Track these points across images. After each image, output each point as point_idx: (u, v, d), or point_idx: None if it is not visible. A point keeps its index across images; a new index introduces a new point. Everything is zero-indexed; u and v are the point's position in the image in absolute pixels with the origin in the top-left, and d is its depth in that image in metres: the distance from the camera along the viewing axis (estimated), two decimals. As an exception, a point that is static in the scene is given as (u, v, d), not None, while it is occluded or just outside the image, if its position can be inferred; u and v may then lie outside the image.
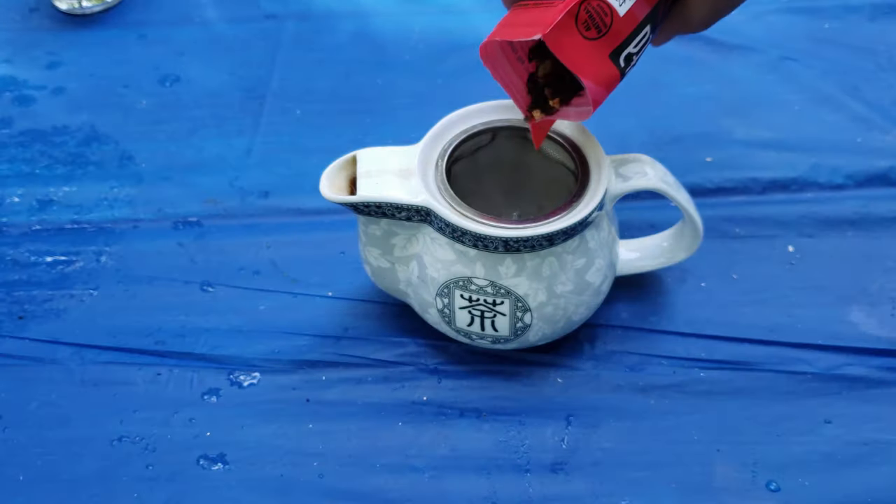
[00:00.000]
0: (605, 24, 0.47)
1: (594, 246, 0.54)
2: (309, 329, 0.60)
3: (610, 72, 0.48)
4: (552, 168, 0.58)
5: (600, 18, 0.47)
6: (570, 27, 0.46)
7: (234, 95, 0.74)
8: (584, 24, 0.46)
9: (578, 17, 0.46)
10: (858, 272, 0.62)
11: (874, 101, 0.72)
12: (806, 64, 0.75)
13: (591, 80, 0.47)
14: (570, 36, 0.46)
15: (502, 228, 0.51)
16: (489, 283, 0.53)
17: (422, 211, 0.52)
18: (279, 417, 0.56)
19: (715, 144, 0.69)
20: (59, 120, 0.73)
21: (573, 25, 0.46)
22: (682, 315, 0.60)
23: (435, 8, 0.81)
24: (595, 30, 0.46)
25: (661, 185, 0.54)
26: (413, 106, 0.73)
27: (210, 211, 0.67)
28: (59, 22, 0.80)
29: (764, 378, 0.57)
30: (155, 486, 0.54)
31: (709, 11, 0.50)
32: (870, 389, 0.57)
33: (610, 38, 0.47)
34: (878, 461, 0.54)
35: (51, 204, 0.68)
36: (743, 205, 0.66)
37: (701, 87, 0.74)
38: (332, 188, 0.53)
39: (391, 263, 0.56)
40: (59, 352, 0.60)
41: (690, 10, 0.50)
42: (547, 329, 0.55)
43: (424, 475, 0.54)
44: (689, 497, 0.53)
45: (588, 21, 0.46)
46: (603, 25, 0.47)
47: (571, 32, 0.46)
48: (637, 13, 0.48)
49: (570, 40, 0.46)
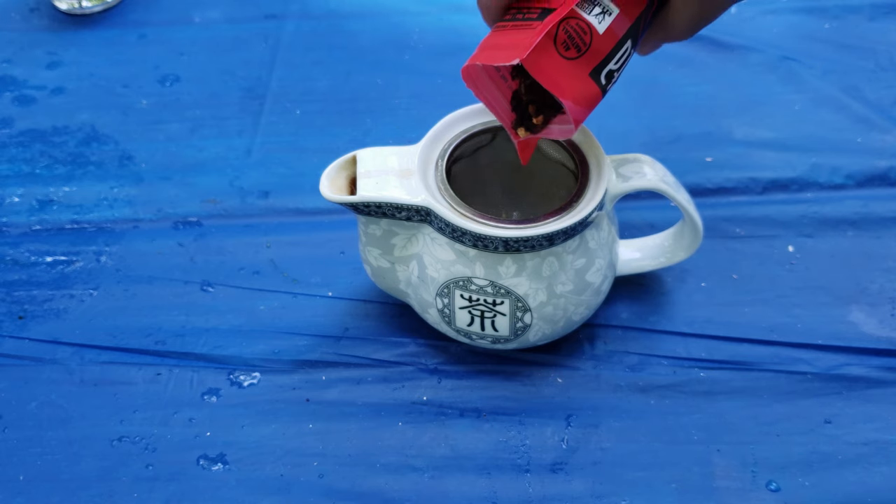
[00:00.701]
0: (585, 42, 0.46)
1: (594, 246, 0.54)
2: (309, 329, 0.60)
3: (591, 90, 0.47)
4: (552, 168, 0.58)
5: (579, 38, 0.46)
6: (548, 49, 0.45)
7: (234, 95, 0.74)
8: (563, 45, 0.46)
9: (557, 37, 0.45)
10: (858, 272, 0.62)
11: (874, 101, 0.72)
12: (806, 64, 0.75)
13: (571, 101, 0.47)
14: (550, 57, 0.46)
15: (502, 228, 0.51)
16: (489, 283, 0.53)
17: (422, 211, 0.52)
18: (279, 417, 0.56)
19: (715, 144, 0.69)
20: (59, 120, 0.73)
21: (552, 46, 0.46)
22: (682, 315, 0.60)
23: (435, 8, 0.81)
24: (574, 49, 0.46)
25: (661, 185, 0.54)
26: (413, 106, 0.73)
27: (210, 211, 0.67)
28: (59, 22, 0.81)
29: (764, 378, 0.57)
30: (155, 486, 0.54)
31: (693, 19, 0.49)
32: (870, 389, 0.57)
33: (590, 56, 0.47)
34: (878, 461, 0.54)
35: (51, 204, 0.68)
36: (743, 205, 0.66)
37: (701, 87, 0.74)
38: (332, 188, 0.53)
39: (391, 263, 0.56)
40: (59, 352, 0.60)
41: (675, 18, 0.49)
42: (547, 329, 0.55)
43: (424, 475, 0.54)
44: (689, 497, 0.53)
45: (567, 41, 0.46)
46: (582, 44, 0.46)
47: (550, 54, 0.46)
48: (617, 30, 0.47)
49: (549, 62, 0.46)
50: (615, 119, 0.70)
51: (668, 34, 0.50)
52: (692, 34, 0.50)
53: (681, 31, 0.50)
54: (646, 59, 0.52)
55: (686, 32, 0.50)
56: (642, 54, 0.53)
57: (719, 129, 0.71)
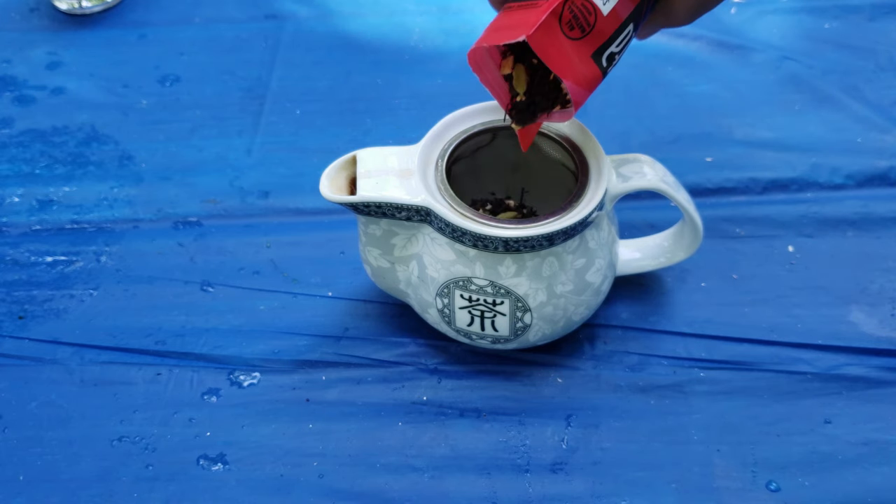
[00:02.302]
0: (589, 23, 0.46)
1: (594, 246, 0.54)
2: (309, 329, 0.60)
3: (592, 72, 0.47)
4: (552, 168, 0.58)
5: (584, 18, 0.46)
6: (553, 27, 0.45)
7: (234, 95, 0.74)
8: (567, 24, 0.46)
9: (562, 17, 0.45)
10: (858, 272, 0.62)
11: (874, 101, 0.72)
12: (806, 64, 0.75)
13: (573, 81, 0.47)
14: (554, 36, 0.45)
15: (502, 228, 0.51)
16: (489, 283, 0.53)
17: (422, 211, 0.52)
18: (279, 417, 0.56)
19: (715, 144, 0.69)
20: (59, 120, 0.73)
21: (556, 25, 0.45)
22: (682, 315, 0.60)
23: (435, 8, 0.81)
24: (579, 29, 0.46)
25: (661, 185, 0.54)
26: (413, 106, 0.73)
27: (210, 211, 0.67)
28: (59, 22, 0.81)
29: (764, 378, 0.57)
30: (155, 486, 0.54)
31: (694, 5, 0.49)
32: (870, 389, 0.57)
33: (593, 37, 0.47)
34: (878, 461, 0.54)
35: (51, 204, 0.68)
36: (743, 205, 0.66)
37: (701, 87, 0.74)
38: (332, 188, 0.53)
39: (391, 263, 0.56)
40: (59, 352, 0.60)
41: (676, 4, 0.49)
42: (547, 329, 0.55)
43: (424, 475, 0.54)
44: (689, 497, 0.53)
45: (572, 21, 0.46)
46: (587, 25, 0.46)
47: (555, 32, 0.45)
48: (621, 12, 0.47)
49: (553, 41, 0.45)
50: (615, 119, 0.70)
51: (668, 19, 0.50)
52: (692, 20, 0.50)
53: (682, 16, 0.50)
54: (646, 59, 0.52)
55: (687, 18, 0.50)
56: (640, 38, 0.53)
57: (719, 129, 0.71)
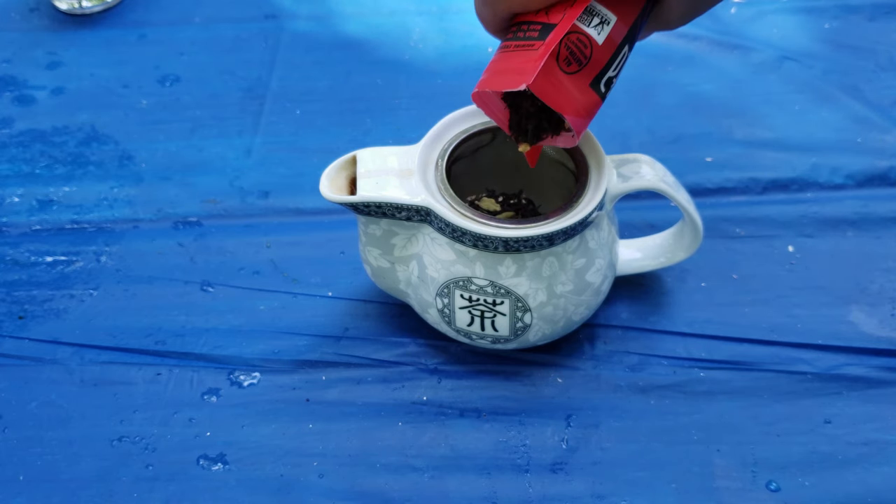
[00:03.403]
0: (586, 56, 0.47)
1: (594, 246, 0.54)
2: (309, 329, 0.60)
3: (591, 100, 0.48)
4: (552, 168, 0.58)
5: (580, 52, 0.46)
6: (552, 69, 0.46)
7: (234, 95, 0.74)
8: (565, 61, 0.46)
9: (559, 55, 0.46)
10: (858, 272, 0.62)
11: (874, 101, 0.72)
12: (806, 64, 0.75)
13: (574, 114, 0.47)
14: (553, 76, 0.46)
15: (502, 228, 0.51)
16: (489, 283, 0.53)
17: (422, 211, 0.52)
18: (279, 417, 0.56)
19: (715, 144, 0.69)
20: (59, 120, 0.73)
21: (555, 65, 0.46)
22: (682, 315, 0.60)
23: (435, 8, 0.81)
24: (576, 63, 0.46)
25: (661, 185, 0.54)
26: (413, 106, 0.73)
27: (210, 211, 0.67)
28: (59, 22, 0.81)
29: (764, 378, 0.57)
30: (155, 486, 0.54)
31: (686, 10, 0.50)
32: (870, 389, 0.57)
33: (590, 68, 0.47)
34: (878, 461, 0.54)
35: (51, 204, 0.68)
36: (743, 205, 0.66)
37: (701, 87, 0.74)
38: (332, 188, 0.53)
39: (391, 263, 0.56)
40: (59, 352, 0.60)
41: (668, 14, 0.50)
42: (547, 329, 0.55)
43: (424, 475, 0.54)
44: (689, 497, 0.53)
45: (569, 57, 0.46)
46: (583, 58, 0.46)
47: (554, 73, 0.46)
48: (615, 38, 0.47)
49: (553, 81, 0.46)
50: (615, 119, 0.70)
51: (661, 25, 0.51)
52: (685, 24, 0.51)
53: (675, 22, 0.51)
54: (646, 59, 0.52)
55: (679, 23, 0.51)
56: (637, 39, 0.53)
57: (719, 129, 0.71)
